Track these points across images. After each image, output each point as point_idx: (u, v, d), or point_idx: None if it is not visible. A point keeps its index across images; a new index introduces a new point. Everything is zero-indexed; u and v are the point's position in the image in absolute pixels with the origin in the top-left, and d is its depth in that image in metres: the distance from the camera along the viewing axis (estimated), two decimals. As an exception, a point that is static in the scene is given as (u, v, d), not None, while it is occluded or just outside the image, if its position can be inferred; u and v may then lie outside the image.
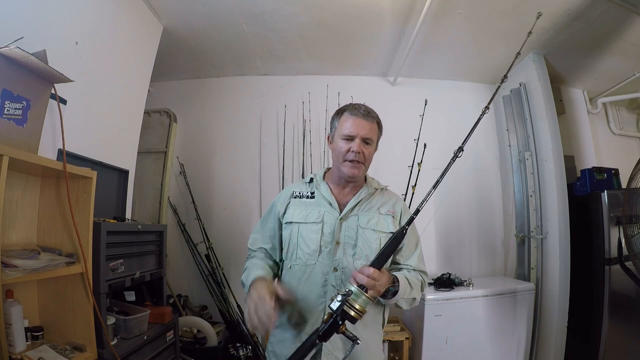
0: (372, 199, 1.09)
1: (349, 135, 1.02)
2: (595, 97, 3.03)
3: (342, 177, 1.06)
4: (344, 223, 1.03)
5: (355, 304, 0.80)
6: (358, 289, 0.81)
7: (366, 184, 1.11)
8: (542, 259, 2.40)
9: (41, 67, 1.12)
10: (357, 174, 1.03)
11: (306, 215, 1.05)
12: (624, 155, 2.93)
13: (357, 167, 1.02)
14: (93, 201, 1.30)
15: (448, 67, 2.84)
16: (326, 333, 0.81)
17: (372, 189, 1.10)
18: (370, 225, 1.03)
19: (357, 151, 1.00)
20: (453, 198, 2.86)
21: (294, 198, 1.10)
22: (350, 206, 1.04)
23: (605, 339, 2.16)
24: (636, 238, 1.78)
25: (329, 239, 1.01)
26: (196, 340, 2.30)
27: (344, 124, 1.04)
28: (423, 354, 2.16)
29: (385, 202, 1.09)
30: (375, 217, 1.05)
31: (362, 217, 1.04)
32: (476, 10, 2.09)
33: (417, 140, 2.38)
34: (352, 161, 1.01)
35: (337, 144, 1.04)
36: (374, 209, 1.07)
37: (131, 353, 1.45)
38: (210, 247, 2.65)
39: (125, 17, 1.91)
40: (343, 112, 1.07)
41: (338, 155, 1.04)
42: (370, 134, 1.03)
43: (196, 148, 2.96)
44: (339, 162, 1.04)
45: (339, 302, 0.80)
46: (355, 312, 0.79)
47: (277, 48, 2.59)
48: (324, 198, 1.07)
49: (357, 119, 1.03)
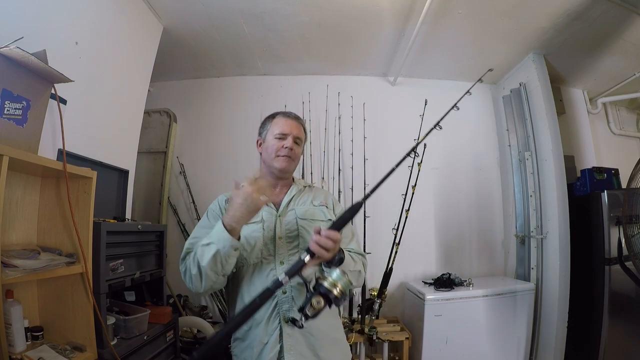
0: (302, 195, 1.17)
1: (282, 134, 1.11)
2: (595, 97, 3.03)
3: (274, 173, 1.13)
4: (282, 219, 1.08)
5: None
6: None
7: (295, 183, 1.19)
8: (542, 259, 2.40)
9: (41, 67, 1.12)
10: (288, 167, 1.11)
11: None
12: (624, 155, 2.93)
13: (288, 161, 1.11)
14: (93, 201, 1.30)
15: (448, 67, 2.84)
16: (292, 270, 0.83)
17: (301, 186, 1.19)
18: (307, 216, 1.09)
19: (289, 147, 1.10)
20: (453, 198, 2.86)
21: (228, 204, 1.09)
22: (286, 202, 1.11)
23: (605, 339, 2.16)
24: (636, 238, 1.78)
25: (271, 234, 1.05)
26: (196, 340, 2.30)
27: (277, 125, 1.14)
28: (423, 354, 2.16)
29: (317, 196, 1.18)
30: (310, 209, 1.12)
31: (298, 209, 1.11)
32: (476, 10, 2.09)
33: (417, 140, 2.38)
34: (284, 156, 1.10)
35: (269, 143, 1.13)
36: (307, 202, 1.15)
37: (131, 353, 1.45)
38: (210, 247, 2.65)
39: (125, 17, 1.91)
40: (275, 116, 1.17)
41: (270, 153, 1.11)
42: (300, 134, 1.14)
43: (196, 148, 2.96)
44: (271, 159, 1.11)
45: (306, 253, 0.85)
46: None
47: (277, 48, 2.60)
48: None
49: (289, 119, 1.15)
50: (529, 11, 2.08)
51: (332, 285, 0.82)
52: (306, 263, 0.84)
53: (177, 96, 3.03)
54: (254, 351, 0.98)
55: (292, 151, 1.11)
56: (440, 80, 2.99)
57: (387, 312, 2.63)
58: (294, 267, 0.84)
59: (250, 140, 2.90)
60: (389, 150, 2.85)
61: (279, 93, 2.94)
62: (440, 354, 2.16)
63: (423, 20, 2.06)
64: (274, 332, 0.98)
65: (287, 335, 0.97)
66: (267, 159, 1.13)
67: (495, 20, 2.18)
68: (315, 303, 0.81)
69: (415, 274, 2.71)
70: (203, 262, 0.90)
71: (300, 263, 0.84)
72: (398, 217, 2.33)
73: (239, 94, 3.01)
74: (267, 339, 0.97)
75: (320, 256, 0.85)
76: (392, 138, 2.87)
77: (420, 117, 2.42)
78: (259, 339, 0.98)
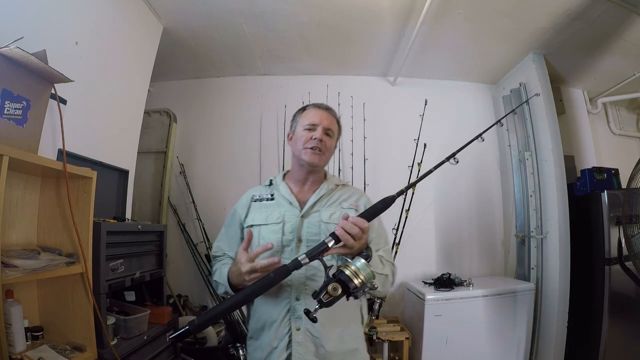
0: (333, 194, 1.08)
1: (311, 124, 1.05)
2: (595, 97, 3.03)
3: (303, 167, 1.07)
4: (305, 220, 1.01)
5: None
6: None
7: (326, 180, 1.11)
8: (542, 259, 2.40)
9: (41, 67, 1.12)
10: (317, 161, 1.04)
11: (267, 217, 1.04)
12: (624, 155, 2.93)
13: (317, 155, 1.03)
14: (93, 201, 1.30)
15: (448, 67, 2.84)
16: (313, 253, 0.79)
17: (332, 184, 1.10)
18: (333, 220, 1.01)
19: (319, 138, 1.02)
20: (453, 198, 2.86)
21: (254, 202, 1.09)
22: (311, 203, 1.04)
23: (605, 339, 2.16)
24: (636, 238, 1.78)
25: (290, 237, 0.99)
26: (196, 340, 2.30)
27: (307, 116, 1.08)
28: (423, 354, 2.16)
29: (348, 197, 1.08)
30: (338, 212, 1.03)
31: (324, 212, 1.03)
32: (476, 10, 2.09)
33: (417, 140, 2.38)
34: (313, 148, 1.03)
35: (298, 135, 1.07)
36: (335, 203, 1.06)
37: (131, 353, 1.45)
38: (210, 247, 2.65)
39: (125, 17, 1.91)
40: (306, 108, 1.12)
41: (299, 145, 1.05)
42: (331, 126, 1.07)
43: (196, 148, 2.96)
44: (299, 151, 1.05)
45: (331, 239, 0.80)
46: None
47: (277, 48, 2.59)
48: (283, 198, 1.06)
49: (319, 110, 1.08)
50: (529, 11, 2.08)
51: (353, 274, 0.74)
52: (329, 247, 0.79)
53: (177, 96, 3.03)
54: (263, 353, 0.96)
55: (322, 143, 1.03)
56: (440, 80, 2.99)
57: (387, 312, 2.63)
58: (315, 249, 0.79)
59: (251, 140, 2.94)
60: (389, 150, 2.85)
61: (279, 93, 2.94)
62: (440, 354, 2.16)
63: (423, 20, 2.06)
64: (284, 337, 0.94)
65: (297, 343, 0.94)
66: (296, 152, 1.07)
67: (495, 20, 2.18)
68: (331, 289, 0.73)
69: (415, 274, 2.71)
70: (219, 292, 1.00)
71: (323, 246, 0.79)
72: (398, 217, 2.33)
73: (239, 94, 3.01)
74: (277, 344, 0.95)
75: (345, 242, 0.79)
76: (392, 138, 2.87)
77: (420, 117, 2.43)
78: (269, 342, 0.95)
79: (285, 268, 0.79)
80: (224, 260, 1.07)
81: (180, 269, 2.78)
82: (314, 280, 0.95)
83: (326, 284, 0.75)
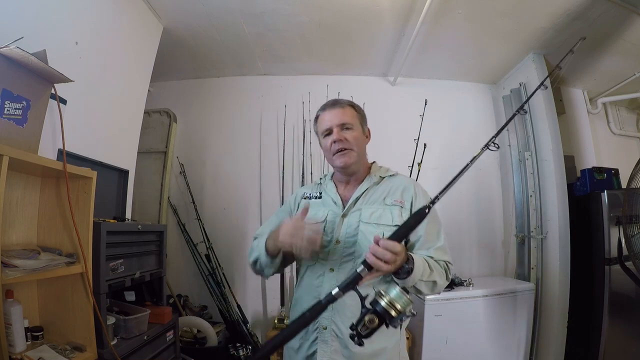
0: (377, 189, 1.03)
1: (326, 130, 1.04)
2: (595, 97, 3.03)
3: (340, 172, 1.07)
4: (345, 220, 0.99)
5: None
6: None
7: (370, 174, 1.06)
8: (542, 259, 2.40)
9: (41, 67, 1.12)
10: (348, 161, 1.01)
11: (313, 216, 1.03)
12: (624, 155, 2.93)
13: (345, 155, 1.00)
14: (93, 201, 1.30)
15: (448, 67, 2.84)
16: (346, 284, 0.75)
17: (376, 178, 1.05)
18: (372, 219, 0.96)
19: (337, 139, 1.00)
20: (453, 198, 2.86)
21: (304, 199, 1.12)
22: (352, 201, 1.01)
23: (605, 339, 2.16)
24: (636, 238, 1.78)
25: (329, 237, 0.98)
26: (196, 340, 2.30)
27: (320, 124, 1.07)
28: (423, 354, 2.16)
29: (393, 191, 1.02)
30: (379, 210, 0.98)
31: (365, 210, 0.98)
32: (476, 10, 2.09)
33: (417, 140, 2.38)
34: (338, 151, 1.01)
35: (323, 144, 1.07)
36: (378, 200, 1.00)
37: (131, 353, 1.45)
38: (210, 247, 2.65)
39: (125, 17, 1.91)
40: (318, 116, 1.09)
41: (328, 155, 1.05)
42: (344, 119, 1.02)
43: (196, 148, 2.96)
44: (331, 160, 1.05)
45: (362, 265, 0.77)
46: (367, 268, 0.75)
47: (277, 48, 2.59)
48: (329, 197, 1.07)
49: (325, 112, 1.06)
50: (529, 11, 2.08)
51: (389, 305, 0.71)
52: (362, 277, 0.75)
53: (177, 96, 3.03)
54: (297, 343, 1.00)
55: (344, 141, 1.00)
56: (440, 80, 2.99)
57: (387, 312, 2.63)
58: (348, 281, 0.75)
59: (251, 140, 2.94)
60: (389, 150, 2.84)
61: (279, 93, 2.94)
62: (440, 354, 2.16)
63: (423, 20, 2.06)
64: (312, 334, 0.97)
65: (323, 342, 0.95)
66: (329, 160, 1.07)
67: (495, 20, 2.18)
68: (367, 321, 0.71)
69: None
70: (260, 246, 0.99)
71: (355, 276, 0.75)
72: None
73: (239, 94, 3.01)
74: (304, 340, 0.98)
75: (379, 269, 0.75)
76: (392, 138, 2.87)
77: (420, 117, 2.42)
78: (301, 336, 0.97)
79: (320, 304, 0.75)
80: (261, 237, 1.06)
81: (180, 269, 2.78)
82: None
83: (363, 314, 0.72)
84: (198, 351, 2.21)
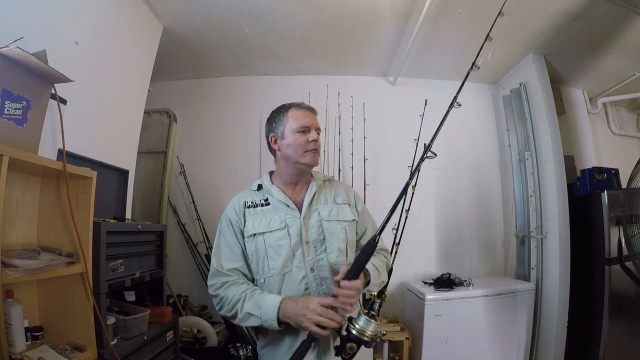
0: (324, 191, 1.11)
1: (304, 127, 1.04)
2: (595, 97, 3.03)
3: (299, 170, 1.06)
4: (307, 221, 1.03)
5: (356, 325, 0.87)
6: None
7: (314, 179, 1.12)
8: (542, 259, 2.40)
9: (41, 67, 1.12)
10: (317, 161, 1.07)
11: (268, 224, 1.02)
12: (624, 155, 2.93)
13: (316, 155, 1.06)
14: (93, 201, 1.30)
15: (448, 67, 2.84)
16: (340, 348, 0.88)
17: (320, 181, 1.12)
18: (332, 217, 1.05)
19: (316, 139, 1.05)
20: (453, 198, 2.86)
21: (248, 208, 1.06)
22: (307, 202, 1.05)
23: (605, 339, 2.16)
24: (636, 238, 1.78)
25: (298, 240, 1.00)
26: (196, 340, 2.30)
27: (295, 118, 1.05)
28: (423, 354, 2.16)
29: (338, 192, 1.13)
30: (335, 208, 1.07)
31: (322, 210, 1.06)
32: (476, 10, 2.09)
33: (417, 140, 2.38)
34: (312, 150, 1.04)
35: (290, 140, 1.04)
36: (330, 200, 1.09)
37: (131, 353, 1.45)
38: (210, 247, 2.65)
39: (125, 17, 1.91)
40: (289, 108, 1.08)
41: (297, 149, 1.03)
42: (319, 125, 1.09)
43: (196, 148, 2.96)
44: (298, 156, 1.03)
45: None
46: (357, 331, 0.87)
47: (277, 48, 2.59)
48: (279, 202, 1.05)
49: (307, 111, 1.08)
50: (529, 11, 2.08)
51: (360, 333, 0.85)
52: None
53: (177, 96, 3.03)
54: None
55: (317, 143, 1.05)
56: (440, 80, 2.98)
57: (387, 312, 2.63)
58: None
59: (251, 140, 2.94)
60: (389, 150, 2.85)
61: (278, 93, 2.94)
62: (440, 354, 2.16)
63: (423, 20, 2.06)
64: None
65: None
66: (293, 156, 1.03)
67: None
68: (348, 349, 0.86)
69: (415, 274, 2.71)
70: (243, 323, 0.96)
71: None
72: (398, 217, 2.33)
73: (239, 94, 3.01)
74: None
75: (347, 310, 0.88)
76: (392, 138, 2.87)
77: (420, 117, 2.42)
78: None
79: (305, 344, 0.88)
80: (242, 287, 0.98)
81: (180, 269, 2.78)
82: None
83: (343, 342, 0.87)
84: (198, 351, 2.21)
